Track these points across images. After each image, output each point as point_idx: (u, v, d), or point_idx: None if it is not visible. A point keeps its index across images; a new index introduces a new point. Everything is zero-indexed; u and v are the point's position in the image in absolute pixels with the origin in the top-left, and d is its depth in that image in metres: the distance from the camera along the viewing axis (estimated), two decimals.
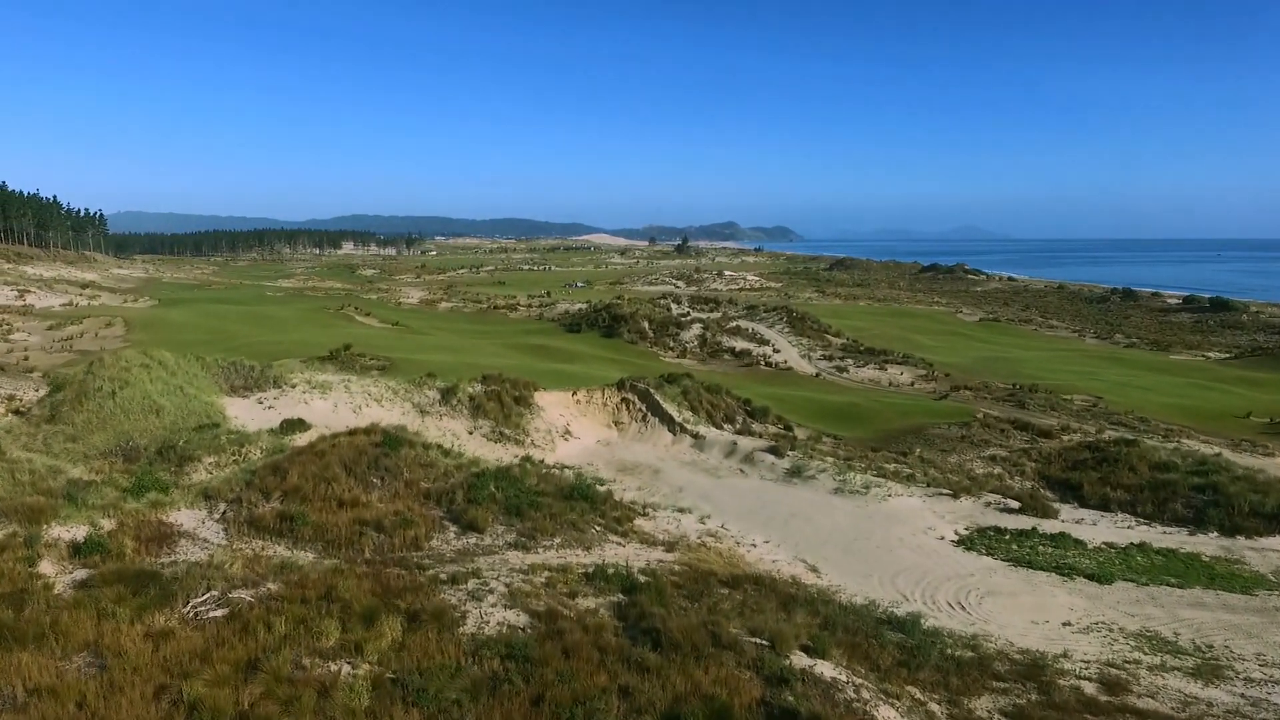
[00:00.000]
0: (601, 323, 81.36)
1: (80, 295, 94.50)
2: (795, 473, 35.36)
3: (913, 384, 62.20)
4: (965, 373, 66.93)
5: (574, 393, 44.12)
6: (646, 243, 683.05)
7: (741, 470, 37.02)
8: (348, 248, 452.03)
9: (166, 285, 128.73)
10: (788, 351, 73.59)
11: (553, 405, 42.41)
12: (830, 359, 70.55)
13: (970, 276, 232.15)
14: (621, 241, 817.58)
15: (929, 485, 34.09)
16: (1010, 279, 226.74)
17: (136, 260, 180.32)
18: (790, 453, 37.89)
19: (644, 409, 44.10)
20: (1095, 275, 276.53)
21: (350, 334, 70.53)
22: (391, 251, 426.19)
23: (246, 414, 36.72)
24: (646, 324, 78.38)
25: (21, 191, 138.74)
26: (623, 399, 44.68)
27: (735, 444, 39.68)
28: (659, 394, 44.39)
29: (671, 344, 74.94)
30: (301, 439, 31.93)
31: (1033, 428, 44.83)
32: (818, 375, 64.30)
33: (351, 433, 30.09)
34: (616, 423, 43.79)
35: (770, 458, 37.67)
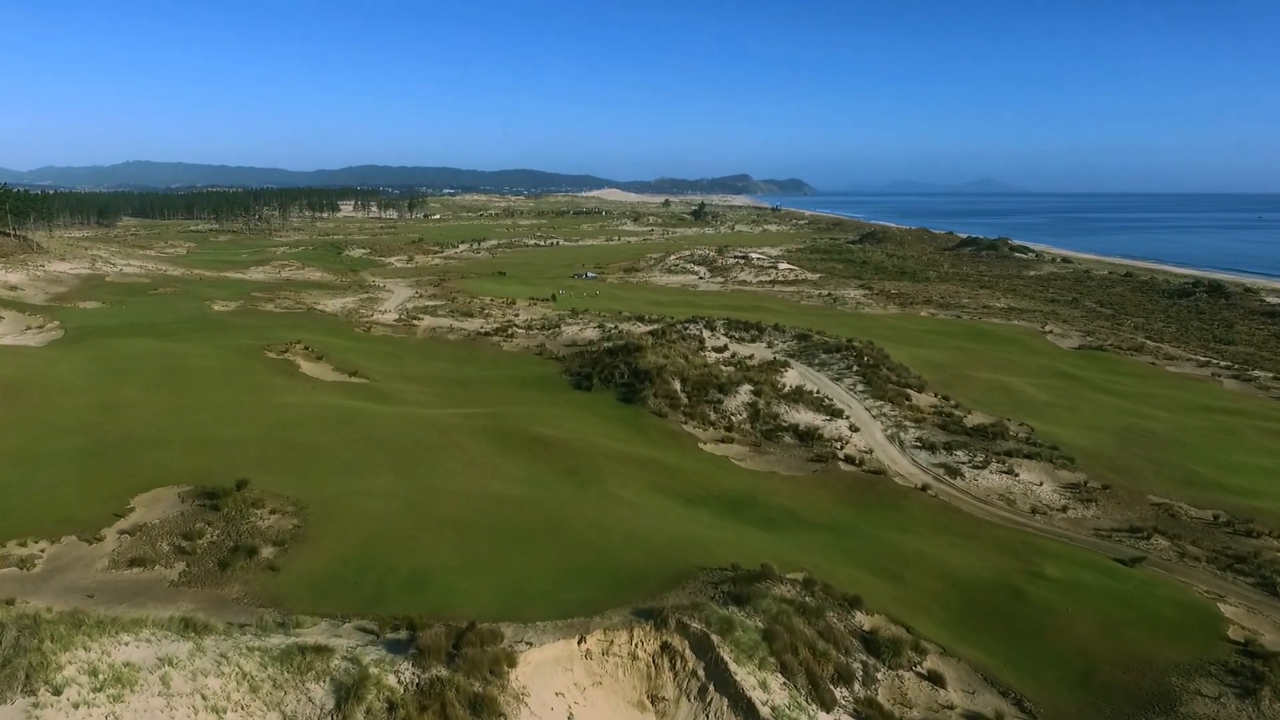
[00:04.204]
0: (619, 377, 62.48)
1: None
2: None
3: (1064, 509, 43.76)
4: (1120, 473, 48.59)
5: (580, 640, 25.85)
6: (660, 201, 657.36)
7: None
8: (347, 209, 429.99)
9: (106, 288, 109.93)
10: (869, 428, 55.05)
11: (544, 678, 24.22)
12: (931, 446, 51.97)
13: (1019, 256, 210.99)
14: (633, 197, 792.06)
15: None
16: (1065, 260, 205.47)
17: (90, 247, 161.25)
18: None
19: (700, 671, 25.98)
20: (1145, 249, 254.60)
21: (280, 407, 52.24)
22: (393, 214, 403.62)
23: None
24: (678, 384, 59.54)
25: None
26: (663, 646, 26.52)
27: None
28: (725, 645, 26.09)
29: (712, 415, 56.21)
30: None
31: None
32: (925, 488, 45.73)
33: None
34: (654, 697, 25.67)
35: None
